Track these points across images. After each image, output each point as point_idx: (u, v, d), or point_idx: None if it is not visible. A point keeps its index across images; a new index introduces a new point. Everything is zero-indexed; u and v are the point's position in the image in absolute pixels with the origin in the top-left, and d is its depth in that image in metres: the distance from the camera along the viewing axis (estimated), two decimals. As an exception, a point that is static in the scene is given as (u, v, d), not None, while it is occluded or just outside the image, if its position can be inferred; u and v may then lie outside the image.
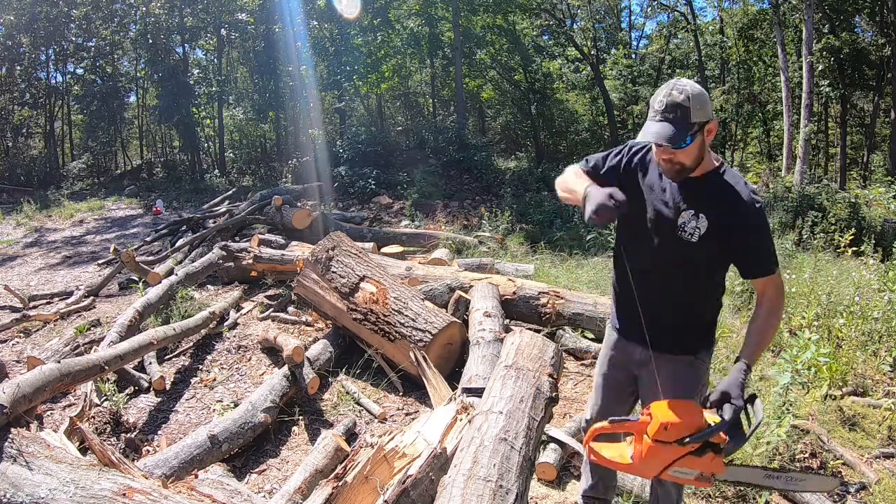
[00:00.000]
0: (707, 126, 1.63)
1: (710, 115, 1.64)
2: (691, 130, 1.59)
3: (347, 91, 16.47)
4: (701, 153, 1.67)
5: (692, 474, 1.54)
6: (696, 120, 1.59)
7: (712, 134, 1.66)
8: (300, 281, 4.26)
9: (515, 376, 2.20)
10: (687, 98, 1.58)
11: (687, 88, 1.60)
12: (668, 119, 1.59)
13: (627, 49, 21.84)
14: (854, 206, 8.69)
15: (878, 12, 14.47)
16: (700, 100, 1.59)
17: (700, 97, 1.59)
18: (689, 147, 1.62)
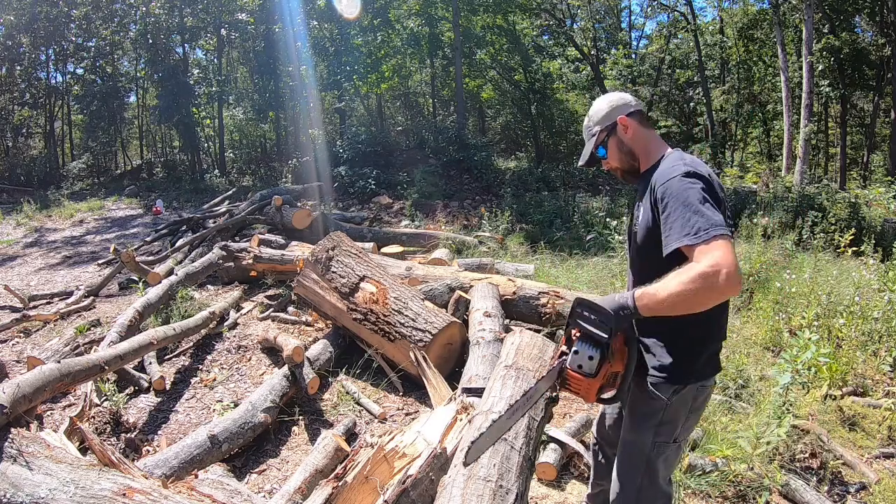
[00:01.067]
0: (617, 127, 1.69)
1: (614, 116, 1.69)
2: (598, 140, 1.72)
3: (347, 91, 16.48)
4: (625, 151, 1.71)
5: None
6: (598, 128, 1.71)
7: (628, 129, 1.68)
8: (300, 281, 4.26)
9: (515, 376, 2.20)
10: (588, 118, 1.75)
11: (589, 110, 1.77)
12: (585, 141, 1.77)
13: (627, 49, 21.84)
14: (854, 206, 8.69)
15: (878, 12, 14.47)
16: (596, 111, 1.72)
17: (596, 110, 1.73)
18: (609, 153, 1.72)
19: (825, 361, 3.43)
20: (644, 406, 1.67)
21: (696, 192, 1.46)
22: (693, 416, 1.71)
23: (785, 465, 2.79)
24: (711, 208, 1.44)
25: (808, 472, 2.82)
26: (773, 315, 4.43)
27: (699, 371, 1.64)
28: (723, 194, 1.54)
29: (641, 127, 1.70)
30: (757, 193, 9.71)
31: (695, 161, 1.59)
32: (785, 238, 6.44)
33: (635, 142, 1.70)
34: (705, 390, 1.70)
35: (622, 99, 1.73)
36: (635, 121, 1.70)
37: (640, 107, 1.74)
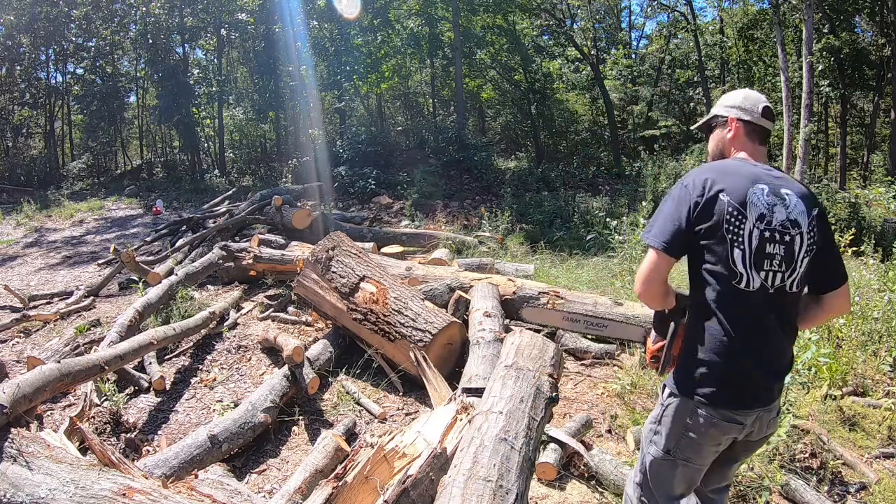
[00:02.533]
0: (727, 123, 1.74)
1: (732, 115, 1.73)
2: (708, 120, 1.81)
3: (347, 91, 16.48)
4: (718, 148, 1.78)
5: None
6: (716, 113, 1.78)
7: (733, 131, 1.72)
8: (300, 281, 4.26)
9: (515, 376, 2.20)
10: (727, 95, 1.80)
11: (732, 92, 1.81)
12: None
13: (627, 49, 21.85)
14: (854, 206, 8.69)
15: (878, 12, 14.47)
16: (724, 100, 1.78)
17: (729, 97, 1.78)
18: (711, 137, 1.81)
19: (825, 361, 3.44)
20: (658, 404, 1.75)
21: (667, 200, 1.62)
22: (691, 438, 1.61)
23: (785, 465, 2.79)
24: (665, 218, 1.58)
25: (808, 472, 2.82)
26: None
27: (696, 391, 1.58)
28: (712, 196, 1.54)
29: (747, 138, 1.71)
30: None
31: (699, 169, 1.64)
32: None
33: (731, 144, 1.74)
34: (707, 418, 1.57)
35: (753, 105, 1.71)
36: (745, 129, 1.71)
37: (762, 123, 1.70)
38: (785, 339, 1.61)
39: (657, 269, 1.57)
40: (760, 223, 1.52)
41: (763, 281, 1.53)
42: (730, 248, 1.52)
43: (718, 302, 1.55)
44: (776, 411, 1.67)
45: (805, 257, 1.57)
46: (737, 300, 1.53)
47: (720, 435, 1.60)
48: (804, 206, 1.58)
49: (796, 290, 1.58)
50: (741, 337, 1.54)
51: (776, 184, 1.59)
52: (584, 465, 2.80)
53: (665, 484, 1.72)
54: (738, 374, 1.55)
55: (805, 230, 1.56)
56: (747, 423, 1.59)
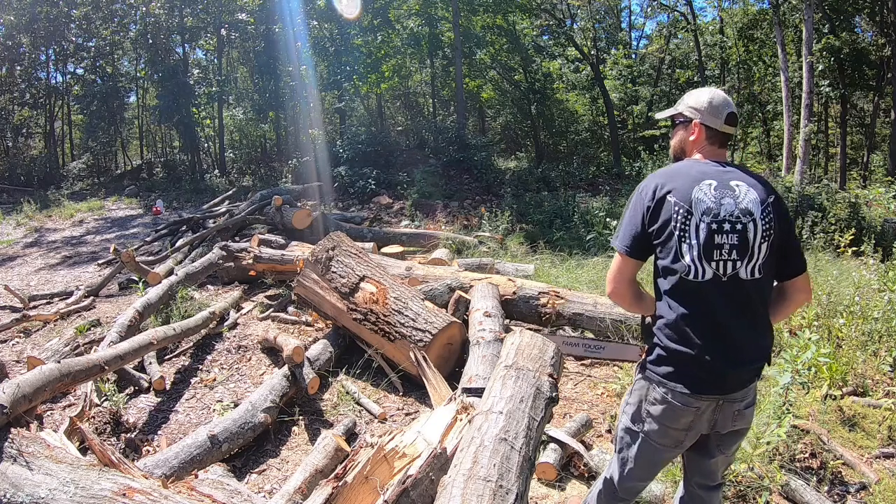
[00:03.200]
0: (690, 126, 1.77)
1: (697, 118, 1.75)
2: (673, 114, 1.84)
3: (347, 91, 16.47)
4: (680, 146, 1.82)
5: None
6: (681, 110, 1.80)
7: (696, 134, 1.76)
8: (300, 281, 4.26)
9: (515, 376, 2.20)
10: (690, 93, 1.82)
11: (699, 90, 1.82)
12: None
13: (627, 49, 21.82)
14: (854, 206, 8.69)
15: (878, 12, 14.46)
16: (697, 98, 1.77)
17: (697, 97, 1.78)
18: (674, 132, 1.85)
19: (825, 361, 3.43)
20: None
21: (626, 205, 1.75)
22: (649, 414, 1.70)
23: (785, 465, 2.79)
24: (625, 223, 1.72)
25: (808, 472, 2.82)
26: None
27: (657, 371, 1.68)
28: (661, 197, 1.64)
29: (707, 142, 1.75)
30: (757, 193, 9.69)
31: (653, 174, 1.74)
32: (785, 238, 6.42)
33: (692, 146, 1.79)
34: (663, 396, 1.65)
35: (720, 113, 1.73)
36: (707, 134, 1.75)
37: (725, 129, 1.74)
38: (746, 326, 1.63)
39: (622, 271, 1.73)
40: (707, 217, 1.60)
41: (715, 271, 1.60)
42: (678, 244, 1.61)
43: (672, 293, 1.65)
44: (745, 404, 1.68)
45: (763, 243, 1.62)
46: (688, 290, 1.62)
47: (676, 417, 1.66)
48: (756, 195, 1.64)
49: (758, 276, 1.62)
50: (693, 324, 1.62)
51: (725, 178, 1.66)
52: (584, 465, 2.80)
53: (628, 456, 1.82)
54: (690, 359, 1.61)
55: (759, 217, 1.62)
56: (703, 408, 1.63)
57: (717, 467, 1.85)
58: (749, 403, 1.70)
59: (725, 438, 1.75)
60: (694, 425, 1.67)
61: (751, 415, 1.72)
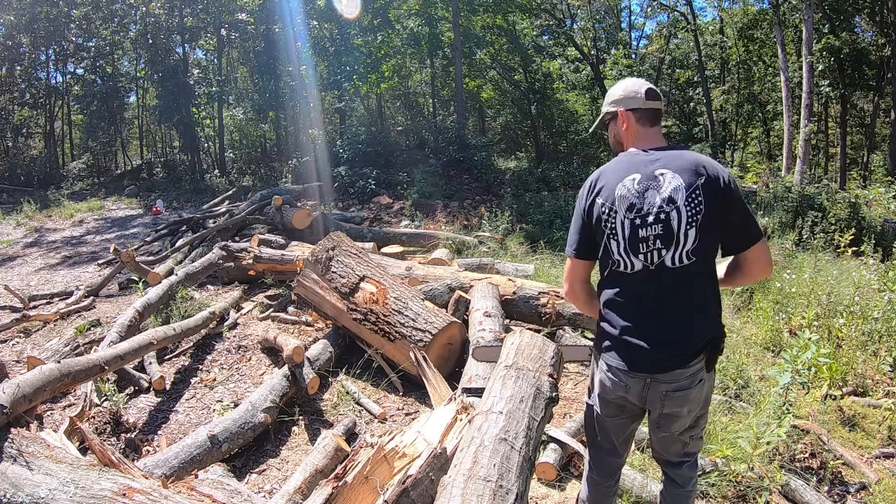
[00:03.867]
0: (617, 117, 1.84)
1: (619, 106, 1.82)
2: (602, 119, 1.92)
3: (347, 91, 16.47)
4: (616, 140, 1.89)
5: None
6: (605, 109, 1.89)
7: (625, 123, 1.82)
8: (300, 281, 4.26)
9: (515, 376, 2.19)
10: (608, 93, 1.89)
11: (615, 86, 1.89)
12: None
13: (627, 49, 21.82)
14: (854, 206, 8.68)
15: (878, 12, 14.46)
16: (612, 93, 1.86)
17: (612, 91, 1.86)
18: (610, 129, 1.92)
19: (825, 361, 3.43)
20: None
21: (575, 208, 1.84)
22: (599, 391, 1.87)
23: (785, 465, 2.79)
24: (572, 226, 1.83)
25: (808, 472, 2.82)
26: (773, 315, 4.43)
27: (598, 346, 1.86)
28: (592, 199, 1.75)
29: (639, 125, 1.80)
30: (757, 193, 9.71)
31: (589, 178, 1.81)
32: (785, 238, 6.43)
33: (627, 135, 1.84)
34: (605, 372, 1.80)
35: (635, 93, 1.80)
36: (635, 117, 1.80)
37: (649, 105, 1.79)
38: (675, 310, 1.70)
39: (573, 271, 1.87)
40: (630, 213, 1.68)
41: (643, 262, 1.69)
42: (608, 241, 1.73)
43: (607, 282, 1.80)
44: (674, 387, 1.70)
45: (689, 228, 1.64)
46: (619, 280, 1.76)
47: (610, 389, 1.81)
48: (681, 181, 1.66)
49: (686, 261, 1.67)
50: (620, 308, 1.76)
51: (651, 168, 1.70)
52: (584, 465, 2.80)
53: (588, 430, 2.03)
54: (618, 339, 1.76)
55: (682, 203, 1.64)
56: (631, 385, 1.75)
57: (665, 444, 1.92)
58: (680, 387, 1.70)
59: (663, 419, 1.79)
60: (626, 399, 1.80)
61: (684, 399, 1.71)
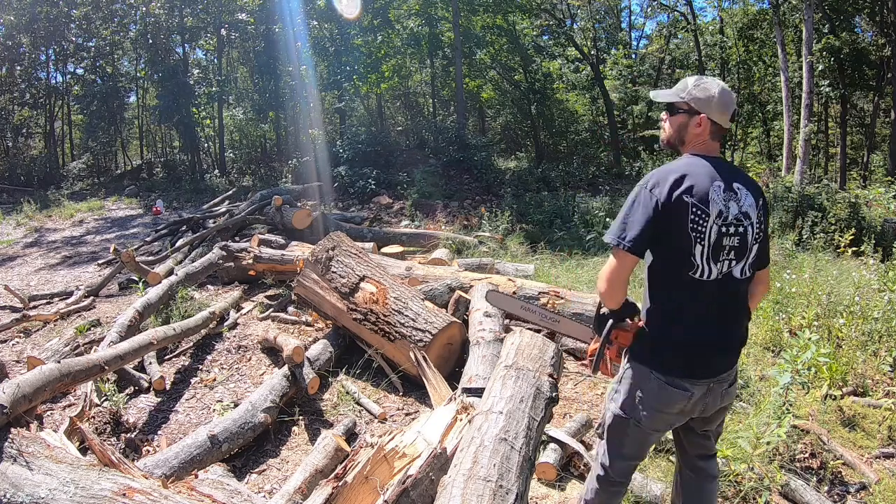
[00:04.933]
0: (696, 118, 1.72)
1: (705, 110, 1.71)
2: (676, 101, 1.77)
3: (347, 91, 16.47)
4: (679, 135, 1.78)
5: None
6: (687, 98, 1.73)
7: (701, 128, 1.72)
8: (300, 281, 4.26)
9: (515, 376, 2.20)
10: (696, 80, 1.76)
11: (705, 79, 1.76)
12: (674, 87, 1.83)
13: (627, 49, 21.81)
14: (854, 206, 8.68)
15: (878, 12, 14.45)
16: (704, 90, 1.71)
17: (705, 88, 1.72)
18: (672, 120, 1.80)
19: (825, 361, 3.43)
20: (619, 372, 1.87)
21: (630, 203, 1.69)
22: (643, 401, 1.76)
23: (785, 465, 2.79)
24: (630, 219, 1.66)
25: (808, 472, 2.82)
26: (773, 315, 4.43)
27: (645, 356, 1.76)
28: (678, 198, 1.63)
29: (709, 137, 1.75)
30: (757, 193, 9.69)
31: (662, 172, 1.69)
32: (785, 238, 6.43)
33: (694, 139, 1.77)
34: (658, 383, 1.72)
35: (727, 110, 1.73)
36: (711, 129, 1.74)
37: (727, 127, 1.76)
38: (734, 318, 1.78)
39: (622, 269, 1.69)
40: (719, 219, 1.64)
41: (718, 270, 1.68)
42: (693, 244, 1.64)
43: (674, 288, 1.72)
44: (729, 383, 1.81)
45: (754, 244, 1.72)
46: (692, 287, 1.68)
47: (670, 402, 1.74)
48: (753, 199, 1.71)
49: (748, 274, 1.74)
50: (693, 318, 1.71)
51: (729, 179, 1.69)
52: (584, 465, 2.80)
53: (618, 441, 1.88)
54: (690, 349, 1.72)
55: (755, 221, 1.71)
56: (696, 393, 1.73)
57: (711, 438, 1.96)
58: (732, 381, 1.83)
59: (716, 415, 1.87)
60: (686, 409, 1.75)
61: (734, 393, 1.86)
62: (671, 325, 1.72)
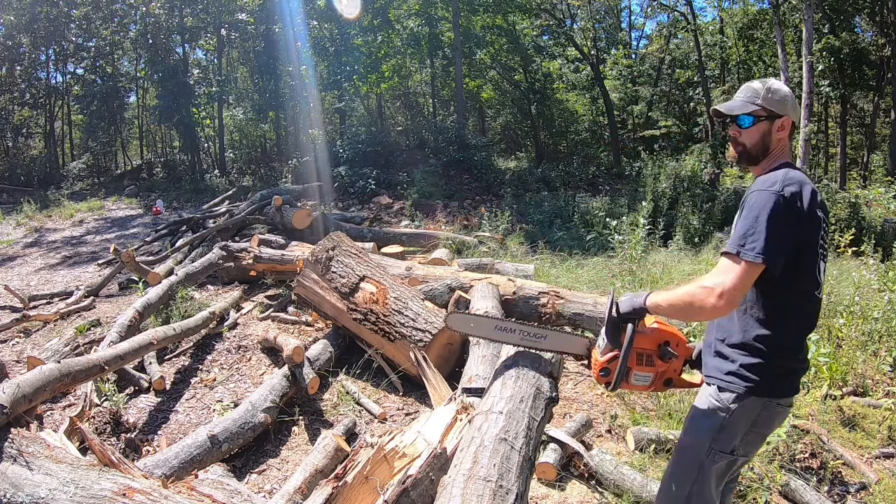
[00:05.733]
0: (778, 121, 1.64)
1: (785, 111, 1.64)
2: (754, 110, 1.64)
3: (347, 91, 16.47)
4: (763, 144, 1.66)
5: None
6: (764, 104, 1.63)
7: (784, 131, 1.66)
8: (300, 281, 4.26)
9: (515, 376, 2.19)
10: (762, 84, 1.66)
11: (769, 81, 1.67)
12: (739, 98, 1.70)
13: (627, 49, 21.84)
14: (854, 206, 8.69)
15: (878, 12, 14.47)
16: (776, 92, 1.63)
17: (777, 90, 1.64)
18: (751, 129, 1.66)
19: (825, 361, 3.44)
20: (705, 409, 1.66)
21: (767, 212, 1.48)
22: (756, 432, 1.65)
23: (785, 465, 2.79)
24: (772, 233, 1.46)
25: (808, 472, 2.82)
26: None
27: (769, 386, 1.59)
28: (813, 211, 1.53)
29: (788, 138, 1.70)
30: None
31: (794, 178, 1.54)
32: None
33: (777, 145, 1.68)
34: (775, 409, 1.62)
35: (796, 103, 1.70)
36: (789, 132, 1.69)
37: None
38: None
39: (748, 279, 1.49)
40: (825, 234, 1.60)
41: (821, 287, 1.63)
42: (818, 260, 1.57)
43: (798, 309, 1.59)
44: None
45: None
46: (810, 303, 1.61)
47: (776, 422, 1.68)
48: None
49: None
50: (803, 336, 1.65)
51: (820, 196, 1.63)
52: (584, 465, 2.80)
53: (721, 480, 1.72)
54: (799, 368, 1.66)
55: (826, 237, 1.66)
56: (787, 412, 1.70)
57: None
58: None
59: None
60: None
61: None
62: (797, 351, 1.62)
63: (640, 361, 1.68)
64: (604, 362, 1.70)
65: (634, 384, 1.72)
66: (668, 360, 1.69)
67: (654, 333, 1.68)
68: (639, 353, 1.67)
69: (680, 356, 1.71)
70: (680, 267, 6.25)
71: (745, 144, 1.69)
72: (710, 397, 1.64)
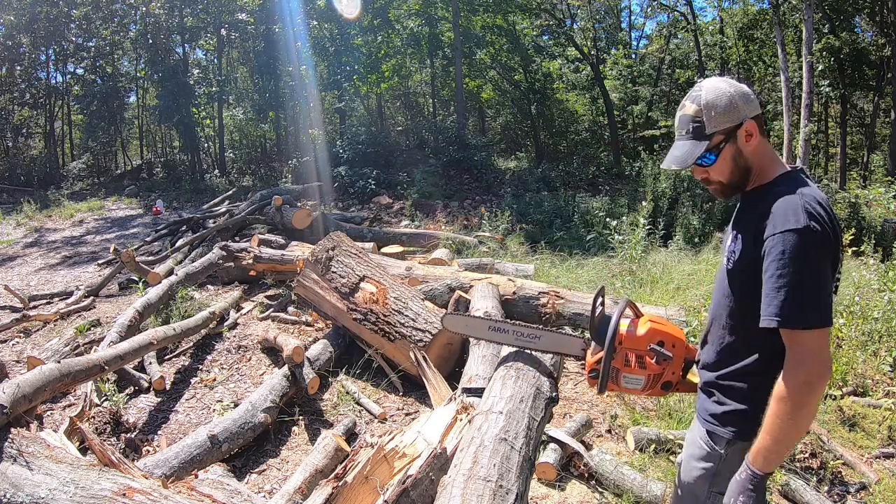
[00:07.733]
0: (739, 130, 1.36)
1: (740, 117, 1.36)
2: (710, 144, 1.37)
3: (347, 91, 16.47)
4: (739, 164, 1.40)
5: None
6: (715, 129, 1.36)
7: (753, 136, 1.37)
8: (300, 281, 4.26)
9: (515, 376, 2.19)
10: (700, 108, 1.37)
11: (701, 95, 1.38)
12: (683, 137, 1.41)
13: (627, 49, 21.81)
14: (854, 206, 8.69)
15: (878, 12, 14.47)
16: (716, 105, 1.36)
17: (715, 102, 1.36)
18: (718, 163, 1.39)
19: (825, 361, 3.41)
20: (698, 454, 1.54)
21: (811, 257, 1.24)
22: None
23: (785, 465, 2.79)
24: (821, 278, 1.25)
25: (808, 472, 2.82)
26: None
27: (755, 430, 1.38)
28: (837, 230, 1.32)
29: (763, 137, 1.39)
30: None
31: (815, 198, 1.30)
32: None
33: (755, 155, 1.39)
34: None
35: (746, 93, 1.37)
36: (758, 127, 1.38)
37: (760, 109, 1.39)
38: None
39: (827, 343, 1.30)
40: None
41: None
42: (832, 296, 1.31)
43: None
44: None
45: None
46: None
47: None
48: None
49: None
50: None
51: None
52: (583, 465, 2.80)
53: None
54: None
55: None
56: None
57: None
58: None
59: None
60: None
61: None
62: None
63: (629, 363, 1.58)
64: (592, 363, 1.64)
65: (626, 387, 1.62)
66: (662, 362, 1.56)
67: (646, 333, 1.56)
68: (629, 354, 1.57)
69: (677, 357, 1.57)
70: (680, 267, 6.25)
71: (720, 181, 1.44)
72: (701, 441, 1.53)
